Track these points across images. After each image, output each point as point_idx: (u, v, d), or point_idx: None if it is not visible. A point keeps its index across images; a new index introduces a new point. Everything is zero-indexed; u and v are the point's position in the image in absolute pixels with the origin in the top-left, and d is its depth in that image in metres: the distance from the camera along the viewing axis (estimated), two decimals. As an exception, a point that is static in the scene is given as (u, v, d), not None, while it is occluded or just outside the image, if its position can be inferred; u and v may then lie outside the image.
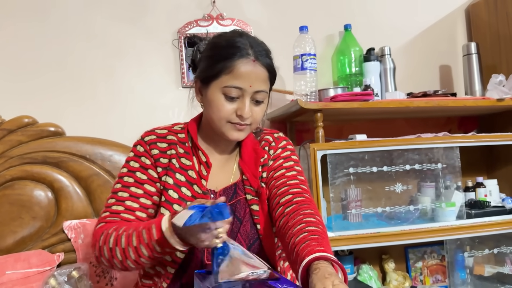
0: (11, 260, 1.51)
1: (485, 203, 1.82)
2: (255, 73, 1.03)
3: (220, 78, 1.03)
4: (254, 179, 1.13)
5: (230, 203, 1.11)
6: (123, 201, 1.05)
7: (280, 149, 1.18)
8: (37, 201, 1.63)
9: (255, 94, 1.05)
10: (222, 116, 1.05)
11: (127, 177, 1.08)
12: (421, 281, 2.07)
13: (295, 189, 1.09)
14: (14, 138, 1.64)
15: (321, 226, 0.96)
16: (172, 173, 1.09)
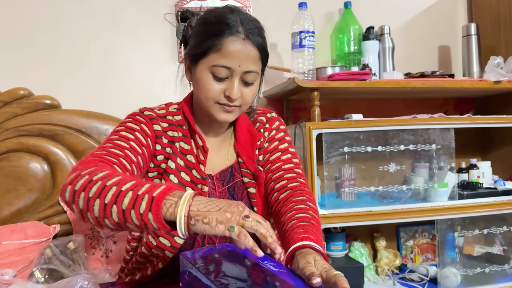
0: (7, 230, 1.53)
1: (477, 185, 1.84)
2: (245, 52, 0.99)
3: (208, 56, 1.00)
4: (251, 162, 1.13)
5: (227, 186, 1.12)
6: (122, 148, 0.96)
7: (274, 131, 1.17)
8: (33, 173, 1.64)
9: (245, 75, 1.01)
10: (210, 96, 1.02)
11: (126, 133, 1.00)
12: (412, 259, 2.10)
13: (289, 174, 1.10)
14: (10, 110, 1.63)
15: (311, 212, 0.98)
16: (175, 157, 1.06)
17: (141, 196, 0.77)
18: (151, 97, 1.86)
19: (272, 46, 2.02)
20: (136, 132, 1.01)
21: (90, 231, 1.58)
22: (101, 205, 0.79)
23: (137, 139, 1.00)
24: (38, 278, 1.42)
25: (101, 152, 0.93)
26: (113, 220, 0.79)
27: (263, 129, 1.16)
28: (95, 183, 0.80)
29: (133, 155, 0.96)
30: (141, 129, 1.02)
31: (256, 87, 1.07)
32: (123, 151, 0.95)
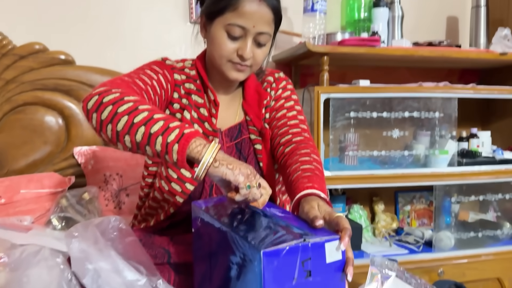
0: (24, 180, 1.60)
1: (476, 153, 1.90)
2: (260, 13, 1.01)
3: (224, 15, 1.03)
4: (258, 120, 1.17)
5: (235, 141, 1.17)
6: (145, 82, 1.00)
7: (281, 90, 1.21)
8: (48, 126, 1.69)
9: (258, 36, 1.04)
10: (223, 54, 1.05)
11: (150, 72, 1.04)
12: (408, 224, 2.19)
13: (294, 129, 1.15)
14: (25, 64, 1.67)
15: (315, 163, 1.03)
16: (190, 108, 1.11)
17: (172, 128, 0.81)
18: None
19: (283, 9, 2.03)
20: (159, 75, 1.06)
21: (104, 183, 1.65)
22: (128, 122, 0.82)
23: (159, 80, 1.05)
24: (55, 225, 1.50)
25: (128, 80, 0.96)
26: (134, 139, 0.82)
27: (269, 89, 1.20)
28: (126, 103, 0.84)
29: (153, 93, 1.01)
30: (164, 73, 1.07)
31: (268, 49, 1.10)
32: (145, 86, 0.99)
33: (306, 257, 0.67)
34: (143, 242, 1.09)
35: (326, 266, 0.69)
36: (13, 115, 1.66)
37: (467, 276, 1.82)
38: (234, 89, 1.20)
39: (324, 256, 0.69)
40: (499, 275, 1.88)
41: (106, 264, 0.86)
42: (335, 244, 0.70)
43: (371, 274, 1.33)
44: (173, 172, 1.11)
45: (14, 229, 1.41)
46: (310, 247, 0.67)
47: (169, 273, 1.05)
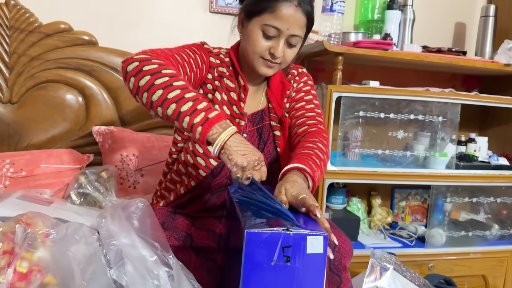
0: (44, 155, 1.66)
1: (473, 157, 2.00)
2: (295, 17, 1.12)
3: (262, 15, 1.13)
4: (279, 108, 1.28)
5: (257, 126, 1.27)
6: (183, 60, 1.10)
7: (302, 83, 1.32)
8: (68, 104, 1.75)
9: (290, 38, 1.14)
10: (257, 50, 1.15)
11: (189, 51, 1.15)
12: (402, 218, 2.30)
13: (311, 121, 1.25)
14: (51, 42, 1.71)
15: (316, 151, 1.12)
16: (222, 90, 1.21)
17: (199, 111, 0.92)
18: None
19: (299, 5, 2.09)
20: (197, 55, 1.16)
21: (120, 163, 1.72)
22: (162, 96, 0.93)
23: (196, 59, 1.15)
24: (74, 200, 1.57)
25: (168, 53, 1.07)
26: (166, 112, 0.94)
27: (293, 81, 1.31)
28: (163, 76, 0.95)
29: (189, 69, 1.11)
30: (201, 54, 1.18)
31: (297, 50, 1.21)
32: (183, 62, 1.09)
33: (287, 245, 0.76)
34: (166, 225, 1.18)
35: (306, 256, 0.77)
36: (35, 91, 1.71)
37: (455, 272, 1.94)
38: (262, 80, 1.30)
39: (305, 247, 0.77)
40: (485, 272, 2.01)
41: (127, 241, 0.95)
42: (317, 239, 0.78)
43: (371, 266, 1.44)
44: (199, 147, 1.21)
45: (36, 201, 1.48)
46: (292, 237, 0.76)
47: (190, 255, 1.14)
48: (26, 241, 0.83)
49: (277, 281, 0.78)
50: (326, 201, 1.94)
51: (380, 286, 1.40)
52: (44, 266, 0.82)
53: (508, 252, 2.02)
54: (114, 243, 0.94)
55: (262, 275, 0.76)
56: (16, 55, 1.68)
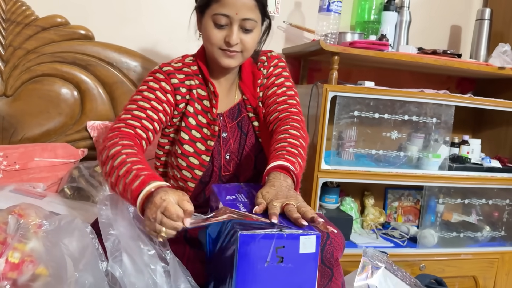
0: (39, 148, 1.66)
1: (466, 159, 2.02)
2: (241, 1, 1.11)
3: (210, 6, 1.14)
4: (253, 99, 1.27)
5: (236, 121, 1.27)
6: (145, 109, 1.13)
7: (272, 67, 1.29)
8: (64, 98, 1.75)
9: (243, 22, 1.13)
10: (213, 42, 1.15)
11: (148, 93, 1.16)
12: (394, 219, 2.32)
13: (281, 106, 1.24)
14: (47, 35, 1.71)
15: (290, 139, 1.12)
16: (193, 102, 1.21)
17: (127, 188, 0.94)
18: (177, 41, 1.94)
19: (296, 4, 2.10)
20: (157, 91, 1.16)
21: (114, 158, 1.72)
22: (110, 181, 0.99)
23: (157, 98, 1.15)
24: (68, 195, 1.57)
25: (126, 117, 1.10)
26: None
27: (262, 67, 1.28)
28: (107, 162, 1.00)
29: (154, 114, 1.13)
30: (160, 87, 1.17)
31: (256, 34, 1.19)
32: (145, 112, 1.12)
33: (280, 245, 0.77)
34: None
35: (299, 255, 0.79)
36: (31, 84, 1.71)
37: (446, 272, 1.96)
38: (233, 74, 1.29)
39: (298, 247, 0.78)
40: (475, 273, 2.02)
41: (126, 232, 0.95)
42: (310, 239, 0.79)
43: (362, 264, 1.45)
44: (182, 161, 1.21)
45: (30, 195, 1.48)
46: (285, 237, 0.77)
47: (184, 246, 1.15)
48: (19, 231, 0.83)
49: (271, 281, 0.79)
50: (320, 200, 1.94)
51: (372, 284, 1.40)
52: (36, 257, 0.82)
53: (498, 253, 2.04)
54: (112, 232, 0.94)
55: (256, 276, 0.77)
56: (12, 48, 1.68)
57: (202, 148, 1.22)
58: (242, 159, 1.27)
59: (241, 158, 1.27)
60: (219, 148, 1.25)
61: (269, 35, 1.29)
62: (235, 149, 1.27)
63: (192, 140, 1.21)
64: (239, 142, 1.27)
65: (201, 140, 1.22)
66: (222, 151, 1.25)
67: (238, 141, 1.27)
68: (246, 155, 1.27)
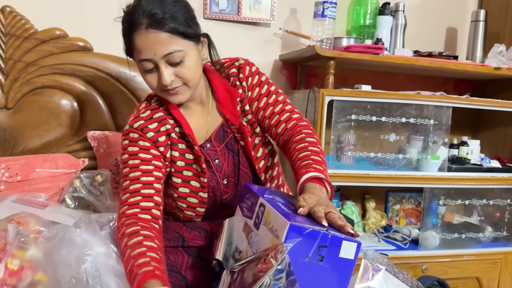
0: (40, 159, 1.67)
1: (465, 160, 2.02)
2: (153, 40, 1.03)
3: (133, 54, 1.09)
4: (235, 118, 1.21)
5: (224, 143, 1.24)
6: (138, 179, 1.07)
7: (250, 78, 1.22)
8: (64, 109, 1.77)
9: (167, 58, 1.05)
10: (152, 88, 1.11)
11: (132, 160, 1.10)
12: (396, 222, 2.32)
13: (284, 116, 1.21)
14: (46, 48, 1.73)
15: (311, 148, 1.11)
16: (175, 145, 1.17)
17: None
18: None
19: (292, 11, 2.12)
20: (139, 154, 1.11)
21: (115, 167, 1.74)
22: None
23: (143, 160, 1.10)
24: (69, 204, 1.58)
25: (125, 197, 1.06)
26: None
27: (238, 81, 1.21)
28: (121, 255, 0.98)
29: (148, 177, 1.08)
30: (140, 148, 1.11)
31: (192, 61, 1.09)
32: (139, 181, 1.07)
33: (323, 244, 0.79)
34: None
35: (338, 259, 0.81)
36: (31, 96, 1.73)
37: (449, 274, 1.95)
38: (207, 96, 1.23)
39: (339, 250, 0.80)
40: (478, 274, 2.02)
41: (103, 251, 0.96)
42: (351, 245, 0.81)
43: (363, 267, 1.45)
44: (181, 203, 1.21)
45: (32, 205, 1.49)
46: (329, 238, 0.79)
47: (182, 255, 1.15)
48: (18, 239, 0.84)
49: (306, 277, 0.81)
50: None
51: (372, 286, 1.40)
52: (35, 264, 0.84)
53: (501, 254, 2.04)
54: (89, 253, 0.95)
55: (294, 268, 0.79)
56: (12, 61, 1.70)
57: (197, 186, 1.19)
58: (239, 178, 1.25)
59: (238, 178, 1.25)
60: (216, 177, 1.22)
61: (266, 42, 1.27)
62: (230, 171, 1.25)
63: (185, 180, 1.19)
64: (233, 163, 1.25)
65: (194, 177, 1.19)
66: (219, 179, 1.23)
67: (231, 162, 1.25)
68: (242, 174, 1.25)
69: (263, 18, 2.03)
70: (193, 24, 1.09)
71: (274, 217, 0.86)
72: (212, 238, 1.16)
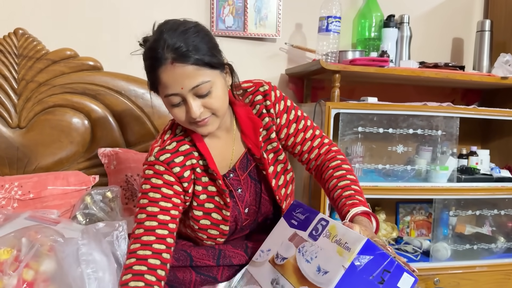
0: (51, 177, 1.71)
1: (475, 170, 2.01)
2: (180, 74, 1.00)
3: (158, 89, 1.07)
4: (256, 148, 1.19)
5: (247, 171, 1.23)
6: (155, 216, 1.05)
7: (277, 104, 1.21)
8: (75, 127, 1.80)
9: (195, 91, 1.03)
10: (181, 121, 1.08)
11: (153, 193, 1.07)
12: (407, 233, 2.30)
13: (316, 141, 1.24)
14: (57, 68, 1.78)
15: (349, 175, 1.15)
16: (199, 180, 1.15)
17: None
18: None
19: (297, 26, 2.15)
20: (162, 188, 1.07)
21: (125, 183, 1.76)
22: None
23: (164, 196, 1.07)
24: (80, 221, 1.61)
25: (140, 233, 1.04)
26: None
27: (265, 109, 1.20)
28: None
29: (165, 216, 1.06)
30: (164, 183, 1.08)
31: (220, 90, 1.07)
32: (156, 219, 1.05)
33: (388, 269, 0.83)
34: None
35: (396, 287, 0.84)
36: (43, 115, 1.77)
37: (462, 286, 1.93)
38: (230, 124, 1.21)
39: (399, 279, 0.84)
40: (492, 286, 1.99)
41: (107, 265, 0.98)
42: (410, 279, 0.84)
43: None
44: (202, 234, 1.19)
45: (44, 222, 1.52)
46: (395, 265, 0.83)
47: (190, 274, 1.16)
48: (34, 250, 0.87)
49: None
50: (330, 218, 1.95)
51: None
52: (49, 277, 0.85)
53: (515, 265, 2.01)
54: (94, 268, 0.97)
55: (356, 282, 0.84)
56: (25, 82, 1.75)
57: (218, 218, 1.18)
58: (260, 206, 1.25)
59: (259, 206, 1.25)
60: (238, 207, 1.21)
61: (272, 56, 1.28)
62: (252, 200, 1.24)
63: (207, 213, 1.17)
64: (254, 192, 1.24)
65: (215, 210, 1.18)
66: (241, 208, 1.22)
67: (253, 191, 1.24)
68: (263, 201, 1.25)
69: (268, 33, 2.07)
70: (217, 53, 1.07)
71: (343, 231, 0.92)
72: (220, 257, 1.16)
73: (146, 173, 1.10)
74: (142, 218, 1.05)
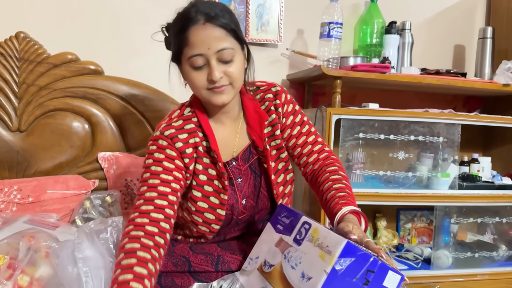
0: (51, 181, 1.70)
1: (476, 177, 2.00)
2: (209, 35, 1.06)
3: (183, 52, 1.10)
4: (260, 141, 1.22)
5: (248, 163, 1.24)
6: (155, 187, 1.07)
7: (286, 105, 1.25)
8: (75, 131, 1.80)
9: (220, 55, 1.08)
10: (198, 86, 1.11)
11: (155, 166, 1.10)
12: (408, 240, 2.29)
13: (317, 147, 1.26)
14: (58, 72, 1.78)
15: (344, 181, 1.16)
16: (200, 159, 1.17)
17: None
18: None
19: (299, 32, 2.15)
20: (164, 162, 1.10)
21: (125, 188, 1.76)
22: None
23: (165, 169, 1.10)
24: (79, 225, 1.60)
25: (140, 203, 1.05)
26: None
27: (274, 107, 1.23)
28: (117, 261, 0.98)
29: (166, 187, 1.08)
30: (166, 156, 1.11)
31: (239, 62, 1.12)
32: (156, 190, 1.06)
33: (371, 269, 0.82)
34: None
35: (382, 287, 0.83)
36: (43, 119, 1.77)
37: (463, 294, 1.92)
38: (238, 114, 1.25)
39: (384, 278, 0.83)
40: (493, 294, 1.97)
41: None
42: (396, 277, 0.83)
43: None
44: (197, 217, 1.19)
45: (43, 225, 1.51)
46: (378, 265, 0.82)
47: (189, 280, 1.15)
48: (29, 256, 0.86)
49: None
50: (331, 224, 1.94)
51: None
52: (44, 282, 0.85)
53: (516, 273, 2.00)
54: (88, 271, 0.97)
55: (339, 286, 0.83)
56: (25, 85, 1.75)
57: (216, 202, 1.19)
58: (258, 201, 1.25)
59: (257, 200, 1.25)
60: (236, 196, 1.22)
61: (273, 62, 1.29)
62: (250, 193, 1.25)
63: (205, 195, 1.19)
64: (253, 185, 1.25)
65: (213, 193, 1.19)
66: (239, 198, 1.23)
67: (252, 184, 1.25)
68: (261, 196, 1.25)
69: (270, 39, 2.07)
70: (240, 30, 1.14)
71: (324, 234, 0.90)
72: (218, 262, 1.16)
73: (150, 148, 1.14)
74: (143, 190, 1.08)
